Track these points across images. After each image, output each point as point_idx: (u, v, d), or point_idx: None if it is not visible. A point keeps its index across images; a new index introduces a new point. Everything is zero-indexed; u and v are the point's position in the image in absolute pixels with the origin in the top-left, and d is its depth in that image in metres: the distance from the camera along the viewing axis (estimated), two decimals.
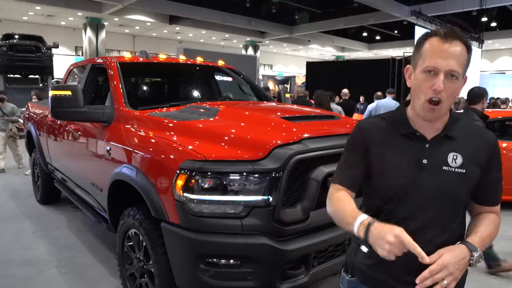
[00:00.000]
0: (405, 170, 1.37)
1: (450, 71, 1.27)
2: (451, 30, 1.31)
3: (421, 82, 1.31)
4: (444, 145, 1.37)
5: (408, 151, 1.38)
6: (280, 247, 2.30)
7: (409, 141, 1.39)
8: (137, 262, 2.87)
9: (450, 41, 1.28)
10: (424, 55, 1.31)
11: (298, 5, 21.21)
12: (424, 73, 1.30)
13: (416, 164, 1.36)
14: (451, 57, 1.27)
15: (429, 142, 1.37)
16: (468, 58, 1.32)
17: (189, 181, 2.29)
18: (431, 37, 1.31)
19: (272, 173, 2.29)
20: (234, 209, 2.30)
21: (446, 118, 1.39)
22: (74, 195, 4.40)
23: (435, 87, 1.26)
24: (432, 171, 1.35)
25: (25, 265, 3.82)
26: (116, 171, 2.98)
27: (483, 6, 17.76)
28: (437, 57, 1.27)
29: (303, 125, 2.79)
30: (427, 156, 1.36)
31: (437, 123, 1.38)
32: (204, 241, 2.29)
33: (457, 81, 1.29)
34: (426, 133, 1.38)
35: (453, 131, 1.38)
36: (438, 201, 1.33)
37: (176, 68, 4.62)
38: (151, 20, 23.21)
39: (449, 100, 1.30)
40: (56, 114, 3.29)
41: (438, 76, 1.27)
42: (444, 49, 1.27)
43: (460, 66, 1.28)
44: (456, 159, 1.35)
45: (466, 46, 1.30)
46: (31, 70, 15.61)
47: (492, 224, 1.41)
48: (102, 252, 4.12)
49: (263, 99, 4.52)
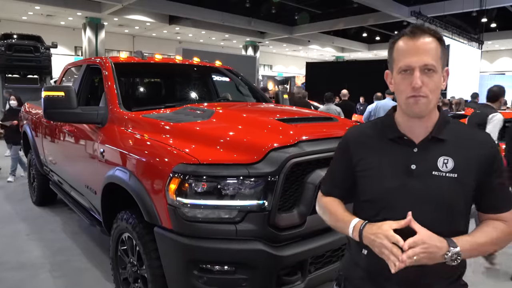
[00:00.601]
0: (394, 177, 1.32)
1: (424, 66, 1.25)
2: (417, 26, 1.31)
3: (400, 84, 1.30)
4: (434, 149, 1.31)
5: (396, 157, 1.34)
6: (275, 253, 2.24)
7: (397, 146, 1.35)
8: (130, 266, 2.81)
9: (417, 37, 1.27)
10: (396, 57, 1.31)
11: (298, 6, 21.16)
12: (400, 74, 1.29)
13: (405, 170, 1.31)
14: (422, 52, 1.26)
15: (417, 146, 1.33)
16: (442, 49, 1.30)
17: (183, 185, 2.24)
18: (399, 38, 1.32)
19: (268, 177, 2.23)
20: (229, 214, 2.24)
21: (435, 118, 1.34)
22: (69, 197, 4.34)
23: (413, 84, 1.25)
24: (421, 176, 1.29)
25: (18, 268, 3.75)
26: (109, 174, 2.92)
27: (483, 7, 17.73)
28: (409, 55, 1.27)
29: (299, 127, 2.73)
30: (416, 161, 1.31)
31: (426, 123, 1.33)
32: (197, 247, 2.23)
33: (435, 74, 1.27)
34: (415, 137, 1.34)
35: (442, 133, 1.33)
36: (429, 210, 1.26)
37: (172, 69, 4.56)
38: (150, 20, 23.17)
39: (434, 95, 1.28)
40: (49, 115, 3.24)
41: (414, 73, 1.26)
42: (413, 46, 1.27)
43: (434, 59, 1.26)
44: (447, 163, 1.29)
45: (436, 38, 1.28)
46: (30, 70, 15.54)
47: (494, 232, 1.31)
48: (96, 255, 4.06)
49: (261, 100, 4.46)
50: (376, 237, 1.23)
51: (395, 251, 1.18)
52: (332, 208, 1.45)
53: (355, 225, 1.32)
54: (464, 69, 19.35)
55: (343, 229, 1.38)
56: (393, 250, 1.18)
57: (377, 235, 1.23)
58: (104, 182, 2.99)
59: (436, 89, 1.28)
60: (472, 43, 22.00)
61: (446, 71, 1.33)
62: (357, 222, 1.33)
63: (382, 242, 1.21)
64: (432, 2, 18.92)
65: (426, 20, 18.18)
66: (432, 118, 1.34)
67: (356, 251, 1.42)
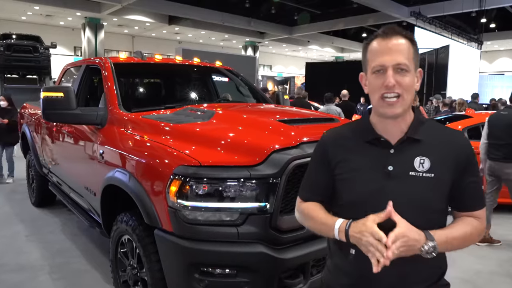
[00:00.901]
0: (372, 179, 1.31)
1: (397, 64, 1.26)
2: (389, 27, 1.32)
3: (373, 84, 1.31)
4: (410, 149, 1.31)
5: (373, 159, 1.33)
6: (277, 256, 2.21)
7: (374, 147, 1.35)
8: (130, 269, 2.79)
9: (390, 37, 1.29)
10: (370, 58, 1.32)
11: (298, 6, 21.16)
12: (374, 74, 1.30)
13: (382, 172, 1.31)
14: (395, 52, 1.27)
15: (394, 147, 1.32)
16: (415, 51, 1.31)
17: (183, 187, 2.21)
18: (372, 40, 1.33)
19: (270, 179, 2.21)
20: (230, 216, 2.21)
21: (410, 119, 1.34)
22: (68, 198, 4.31)
23: (386, 82, 1.25)
24: (399, 178, 1.29)
25: (17, 270, 3.73)
26: (109, 175, 2.89)
27: (482, 7, 17.74)
28: (382, 55, 1.28)
29: (301, 128, 2.70)
30: (393, 163, 1.31)
31: (401, 124, 1.33)
32: (198, 250, 2.21)
33: (408, 73, 1.27)
34: (391, 138, 1.33)
35: (418, 133, 1.33)
36: (409, 210, 1.25)
37: (172, 69, 4.53)
38: (150, 20, 23.15)
39: (408, 94, 1.28)
40: (47, 116, 3.21)
41: (386, 72, 1.26)
42: (386, 45, 1.28)
43: (406, 58, 1.27)
44: (423, 163, 1.29)
45: (408, 39, 1.30)
46: (29, 70, 15.54)
47: (468, 227, 1.33)
48: (96, 257, 4.03)
49: (261, 101, 4.44)
50: (362, 235, 1.23)
51: (380, 248, 1.18)
52: (313, 213, 1.42)
53: (340, 226, 1.30)
54: (463, 70, 19.35)
55: (327, 232, 1.35)
56: (379, 247, 1.18)
57: (362, 233, 1.22)
58: (103, 183, 2.97)
59: (409, 88, 1.28)
60: (472, 44, 22.01)
61: (420, 73, 1.34)
62: (341, 222, 1.31)
63: (368, 240, 1.21)
64: (431, 2, 18.92)
65: (426, 20, 18.20)
66: (407, 119, 1.34)
67: (340, 256, 1.42)
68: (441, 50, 17.12)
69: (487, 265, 4.02)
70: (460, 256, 4.08)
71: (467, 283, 3.64)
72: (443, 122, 6.66)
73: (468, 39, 21.49)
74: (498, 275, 3.85)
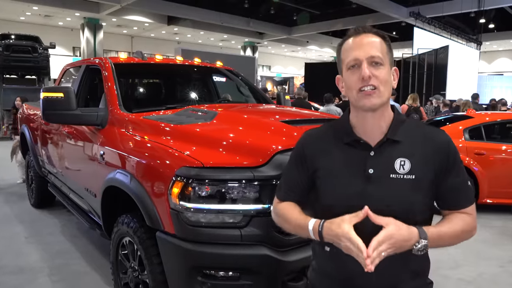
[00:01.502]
0: (352, 182, 1.29)
1: (371, 57, 1.25)
2: (361, 26, 1.33)
3: (349, 80, 1.29)
4: (390, 151, 1.29)
5: (353, 161, 1.31)
6: (281, 258, 2.18)
7: (354, 150, 1.32)
8: (131, 271, 2.76)
9: (361, 34, 1.29)
10: (343, 56, 1.32)
11: (297, 6, 21.14)
12: (349, 71, 1.29)
13: (363, 174, 1.28)
14: (368, 46, 1.27)
15: (373, 149, 1.30)
16: (388, 48, 1.30)
17: (186, 189, 2.18)
18: (345, 41, 1.34)
19: (273, 181, 2.18)
20: (233, 218, 2.18)
21: (389, 118, 1.32)
22: (68, 199, 4.28)
23: (362, 74, 1.24)
24: (379, 180, 1.27)
25: (16, 272, 3.69)
26: (109, 177, 2.86)
27: (481, 8, 17.76)
28: (354, 50, 1.28)
29: (304, 129, 2.66)
30: (373, 165, 1.28)
31: (381, 124, 1.31)
32: (201, 252, 2.18)
33: (383, 67, 1.26)
34: (371, 139, 1.31)
35: (397, 134, 1.30)
36: (390, 214, 1.22)
37: (173, 69, 4.51)
38: (149, 20, 23.11)
39: (385, 88, 1.26)
40: (47, 116, 3.18)
41: (361, 66, 1.25)
42: (359, 41, 1.28)
43: (380, 52, 1.27)
44: (403, 165, 1.27)
45: (380, 36, 1.30)
46: (28, 71, 15.48)
47: (460, 223, 1.31)
48: (96, 258, 4.00)
49: (262, 101, 4.42)
50: (340, 240, 1.21)
51: (361, 257, 1.16)
52: (288, 213, 1.40)
53: (313, 227, 1.28)
54: (462, 70, 19.35)
55: (304, 233, 1.33)
56: (359, 256, 1.16)
57: (339, 237, 1.20)
58: (104, 185, 2.94)
59: (386, 82, 1.27)
60: (471, 44, 22.03)
61: (395, 71, 1.34)
62: (314, 223, 1.29)
63: (347, 245, 1.19)
64: (430, 2, 18.94)
65: (425, 20, 18.21)
66: (386, 117, 1.32)
67: (321, 256, 1.41)
68: (440, 51, 17.11)
69: (490, 267, 4.00)
70: (463, 257, 4.07)
71: (469, 285, 3.61)
72: (443, 122, 6.65)
73: (467, 39, 21.51)
74: (501, 276, 3.82)
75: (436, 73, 16.85)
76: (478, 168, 5.68)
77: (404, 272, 1.32)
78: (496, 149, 5.77)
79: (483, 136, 5.91)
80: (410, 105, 8.64)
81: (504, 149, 5.76)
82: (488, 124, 6.09)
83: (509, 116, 6.54)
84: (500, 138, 6.10)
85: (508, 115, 6.80)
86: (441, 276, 3.68)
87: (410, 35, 18.89)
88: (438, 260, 3.60)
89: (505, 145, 5.79)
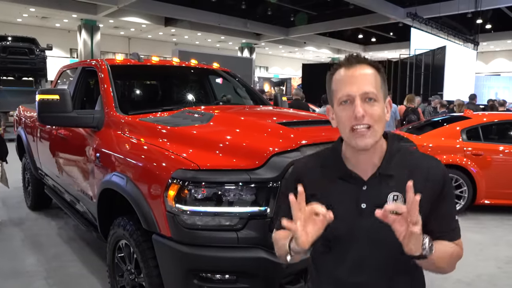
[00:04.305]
0: (345, 217, 1.25)
1: (364, 94, 1.19)
2: (353, 56, 1.26)
3: (341, 116, 1.23)
4: (383, 185, 1.25)
5: (346, 196, 1.27)
6: (278, 261, 2.14)
7: (347, 184, 1.28)
8: (128, 274, 2.74)
9: (355, 66, 1.23)
10: (335, 88, 1.26)
11: (294, 7, 21.15)
12: (340, 106, 1.23)
13: (355, 209, 1.25)
14: (361, 81, 1.21)
15: (366, 183, 1.26)
16: (382, 80, 1.25)
17: (182, 191, 2.17)
18: (336, 70, 1.27)
19: (270, 183, 2.17)
20: (230, 221, 2.17)
21: (382, 151, 1.28)
22: (65, 202, 4.26)
23: (355, 113, 1.18)
24: (372, 216, 1.20)
25: (12, 276, 3.67)
26: (105, 179, 2.85)
27: (478, 8, 17.79)
28: (347, 85, 1.21)
29: (301, 131, 2.67)
30: (365, 200, 1.25)
31: (373, 157, 1.27)
32: (197, 255, 2.16)
33: (377, 103, 1.21)
34: (363, 172, 1.27)
35: (390, 168, 1.26)
36: (383, 248, 1.18)
37: (169, 71, 4.49)
38: (146, 22, 23.08)
39: (378, 125, 1.21)
40: (43, 119, 3.16)
41: (354, 102, 1.19)
42: (351, 75, 1.22)
43: (374, 87, 1.21)
44: (396, 199, 1.23)
45: (374, 67, 1.24)
46: (24, 73, 15.43)
47: (450, 249, 1.26)
48: (93, 261, 3.98)
49: (259, 103, 4.40)
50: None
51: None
52: (277, 236, 1.37)
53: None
54: (459, 70, 19.39)
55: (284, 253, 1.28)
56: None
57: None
58: (100, 187, 2.92)
59: (380, 119, 1.21)
60: (468, 44, 22.07)
61: (389, 102, 1.29)
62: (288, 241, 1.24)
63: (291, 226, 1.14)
64: (427, 3, 18.97)
65: (422, 21, 18.24)
66: (378, 150, 1.28)
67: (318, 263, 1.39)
68: (437, 51, 17.15)
69: (488, 268, 4.00)
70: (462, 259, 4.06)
71: (468, 286, 3.61)
72: (441, 123, 6.66)
73: (464, 40, 21.55)
74: (499, 277, 3.82)
75: (433, 74, 16.90)
76: (475, 169, 5.69)
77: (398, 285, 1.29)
78: (493, 150, 5.77)
79: (481, 136, 5.91)
80: (407, 106, 8.66)
81: (501, 150, 5.76)
82: (485, 125, 6.09)
83: (507, 117, 6.55)
84: (498, 139, 6.11)
85: (505, 115, 6.81)
86: (439, 277, 3.67)
87: (407, 36, 18.93)
88: None
89: (502, 146, 5.80)
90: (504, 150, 5.74)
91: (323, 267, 1.37)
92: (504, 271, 3.95)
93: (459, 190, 5.74)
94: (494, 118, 6.38)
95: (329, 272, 1.35)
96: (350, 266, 1.29)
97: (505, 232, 5.14)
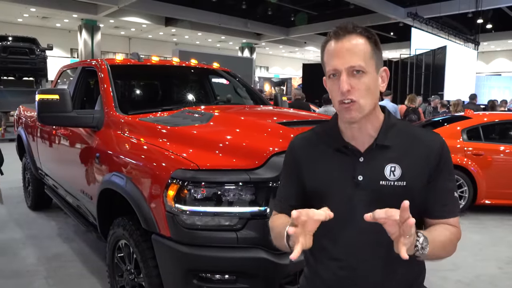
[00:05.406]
0: (342, 190, 1.24)
1: (350, 67, 1.18)
2: (342, 26, 1.23)
3: (331, 89, 1.24)
4: (380, 157, 1.24)
5: (342, 168, 1.26)
6: (278, 261, 2.16)
7: (344, 156, 1.27)
8: (127, 274, 2.74)
9: (342, 38, 1.21)
10: (325, 61, 1.25)
11: (294, 7, 21.15)
12: (330, 79, 1.24)
13: (352, 181, 1.24)
14: (347, 54, 1.19)
15: (363, 155, 1.25)
16: (373, 49, 1.23)
17: (181, 191, 2.16)
18: (327, 42, 1.26)
19: (270, 183, 2.16)
20: (229, 221, 2.17)
21: (379, 122, 1.27)
22: (65, 202, 4.26)
23: (340, 88, 1.18)
24: (369, 188, 1.21)
25: (12, 276, 3.66)
26: (105, 179, 2.84)
27: (479, 8, 17.78)
28: (334, 59, 1.21)
29: (300, 130, 2.65)
30: (362, 172, 1.23)
31: (369, 129, 1.26)
32: (197, 255, 2.16)
33: (365, 75, 1.19)
34: (360, 144, 1.26)
35: (387, 139, 1.25)
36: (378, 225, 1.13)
37: (169, 71, 4.49)
38: (146, 22, 23.10)
39: (366, 98, 1.20)
40: (43, 119, 3.15)
41: (341, 77, 1.19)
42: (338, 48, 1.21)
43: (362, 59, 1.19)
44: (394, 171, 1.22)
45: (363, 36, 1.22)
46: (25, 73, 15.45)
47: (447, 232, 1.22)
48: (93, 261, 3.97)
49: (259, 103, 4.40)
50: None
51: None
52: (274, 222, 1.34)
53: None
54: (460, 70, 19.39)
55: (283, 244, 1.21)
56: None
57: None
58: (100, 187, 2.92)
59: (368, 92, 1.20)
60: (468, 44, 22.08)
61: (385, 71, 1.27)
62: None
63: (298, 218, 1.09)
64: (428, 3, 18.97)
65: (422, 21, 18.24)
66: (374, 122, 1.27)
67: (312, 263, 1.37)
68: (438, 51, 17.15)
69: (488, 268, 3.99)
70: (461, 259, 4.06)
71: (468, 286, 3.60)
72: (441, 123, 6.65)
73: (464, 40, 21.55)
74: (499, 278, 3.81)
75: (434, 74, 16.89)
76: (476, 169, 5.68)
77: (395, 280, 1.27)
78: (494, 150, 5.77)
79: (481, 136, 5.91)
80: (408, 106, 8.65)
81: (502, 150, 5.76)
82: (486, 125, 6.08)
83: (507, 117, 6.54)
84: (498, 139, 6.10)
85: (506, 115, 6.80)
86: (439, 277, 3.67)
87: (408, 36, 18.93)
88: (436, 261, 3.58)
89: (503, 146, 5.79)
90: (504, 150, 5.74)
91: (319, 249, 1.31)
92: (505, 271, 3.95)
93: (460, 190, 5.73)
94: (494, 118, 6.37)
95: (325, 254, 1.31)
96: (346, 243, 1.25)
97: (505, 232, 5.13)
